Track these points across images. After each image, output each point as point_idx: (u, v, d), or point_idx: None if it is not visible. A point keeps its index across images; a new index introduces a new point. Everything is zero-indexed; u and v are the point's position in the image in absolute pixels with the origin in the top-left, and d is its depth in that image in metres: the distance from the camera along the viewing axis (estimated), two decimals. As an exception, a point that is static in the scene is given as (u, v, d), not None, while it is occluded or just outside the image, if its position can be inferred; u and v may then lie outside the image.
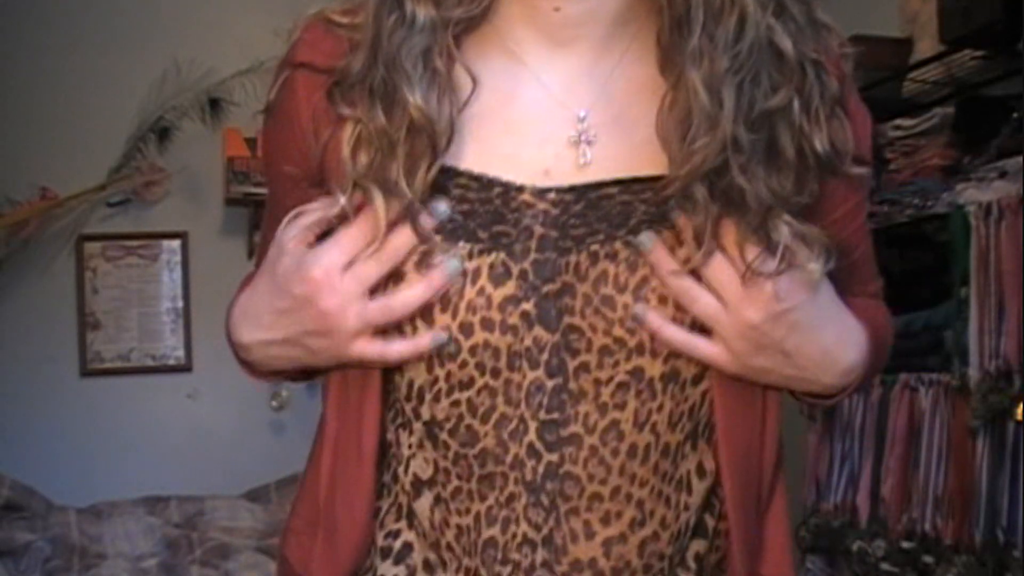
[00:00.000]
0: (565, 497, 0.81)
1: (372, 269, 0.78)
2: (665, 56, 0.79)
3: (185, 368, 3.89)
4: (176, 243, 3.89)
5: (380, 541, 0.86)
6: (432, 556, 0.85)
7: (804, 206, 0.78)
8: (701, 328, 0.78)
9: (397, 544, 0.86)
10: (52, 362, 3.75)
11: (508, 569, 0.81)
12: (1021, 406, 2.21)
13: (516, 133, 0.81)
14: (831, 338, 0.81)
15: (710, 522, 0.87)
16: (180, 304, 3.89)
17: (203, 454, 3.85)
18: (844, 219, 0.86)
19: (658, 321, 0.77)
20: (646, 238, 0.77)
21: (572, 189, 0.80)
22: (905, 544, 2.48)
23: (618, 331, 0.78)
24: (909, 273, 2.85)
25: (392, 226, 0.78)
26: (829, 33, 0.85)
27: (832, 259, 0.78)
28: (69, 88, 3.78)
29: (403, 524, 0.87)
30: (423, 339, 0.79)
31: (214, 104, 3.83)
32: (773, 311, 0.76)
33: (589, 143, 0.80)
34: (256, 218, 3.93)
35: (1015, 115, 2.35)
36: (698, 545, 0.87)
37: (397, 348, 0.79)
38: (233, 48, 3.91)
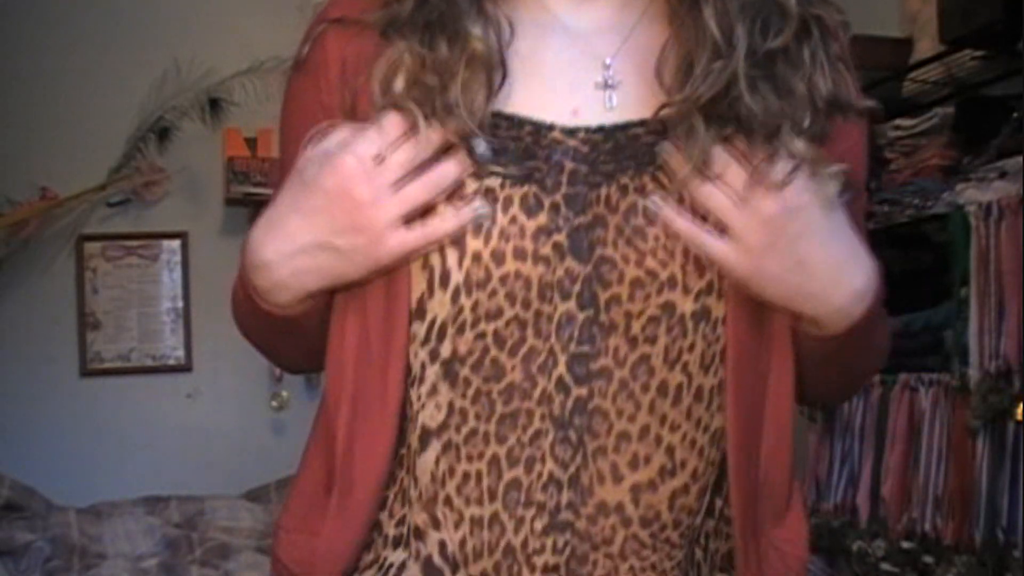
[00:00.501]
0: (593, 434, 0.80)
1: (405, 160, 0.78)
2: (675, 11, 0.82)
3: (185, 368, 3.89)
4: (176, 243, 3.89)
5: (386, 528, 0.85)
6: (424, 516, 0.83)
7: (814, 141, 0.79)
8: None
9: (396, 506, 0.85)
10: (52, 362, 3.75)
11: (532, 512, 0.80)
12: (1021, 406, 2.21)
13: (546, 77, 0.83)
14: (844, 253, 0.80)
15: (718, 503, 0.85)
16: (180, 304, 3.89)
17: (203, 454, 3.85)
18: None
19: (671, 213, 0.77)
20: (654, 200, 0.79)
21: (600, 129, 0.81)
22: (905, 544, 2.48)
23: (650, 262, 0.79)
24: (909, 273, 2.84)
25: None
26: (829, 6, 0.88)
27: (848, 189, 0.79)
28: (69, 88, 3.78)
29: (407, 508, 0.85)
30: (464, 211, 0.78)
31: (214, 104, 3.83)
32: (790, 204, 0.76)
33: (614, 88, 0.83)
34: (256, 218, 3.93)
35: (1015, 115, 2.35)
36: (708, 524, 0.85)
37: (438, 226, 0.78)
38: (233, 48, 3.91)
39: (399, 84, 0.79)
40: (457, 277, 0.79)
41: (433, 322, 0.81)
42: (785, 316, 0.82)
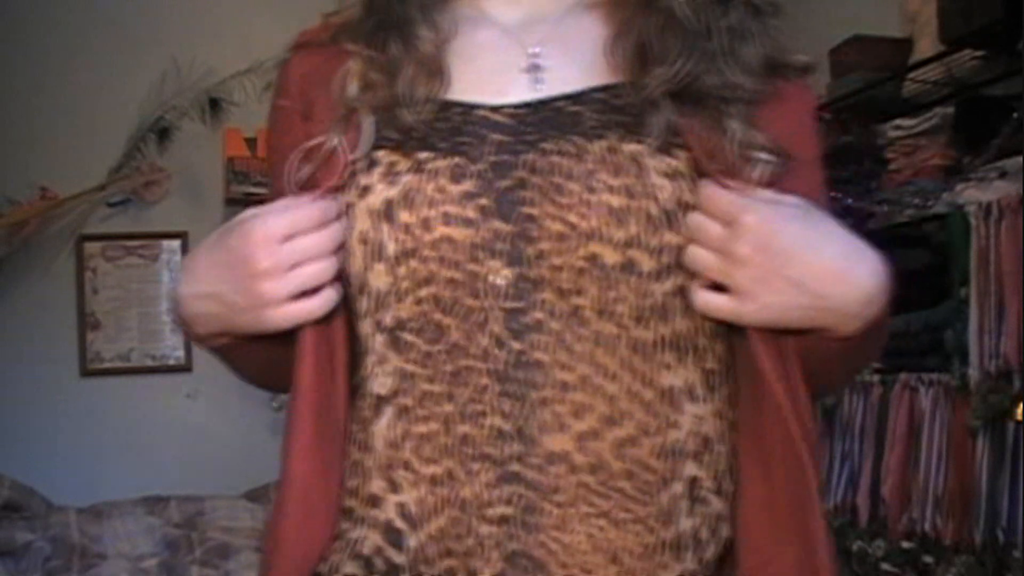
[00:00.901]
0: (534, 386, 0.83)
1: (310, 248, 0.85)
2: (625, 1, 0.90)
3: (185, 368, 3.89)
4: (176, 243, 3.89)
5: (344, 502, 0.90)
6: (382, 481, 0.87)
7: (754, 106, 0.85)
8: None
9: (353, 478, 0.89)
10: (52, 362, 3.75)
11: (485, 465, 0.83)
12: (1021, 406, 2.21)
13: (477, 66, 0.91)
14: (836, 256, 0.81)
15: (697, 475, 0.86)
16: (180, 304, 3.90)
17: (203, 454, 3.85)
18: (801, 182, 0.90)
19: (702, 296, 0.81)
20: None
21: (526, 105, 0.88)
22: (905, 544, 2.48)
23: (571, 216, 0.83)
24: (909, 273, 2.84)
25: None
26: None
27: (782, 162, 0.84)
28: (69, 88, 3.78)
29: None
30: (327, 295, 0.86)
31: (214, 104, 3.83)
32: (760, 238, 0.78)
33: (541, 70, 0.90)
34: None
35: (1015, 115, 2.35)
36: (691, 513, 0.86)
37: (318, 305, 0.86)
38: (233, 48, 3.91)
39: (352, 89, 0.89)
40: (391, 248, 0.85)
41: (373, 294, 0.86)
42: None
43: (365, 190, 0.86)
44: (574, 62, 0.90)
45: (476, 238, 0.84)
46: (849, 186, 2.80)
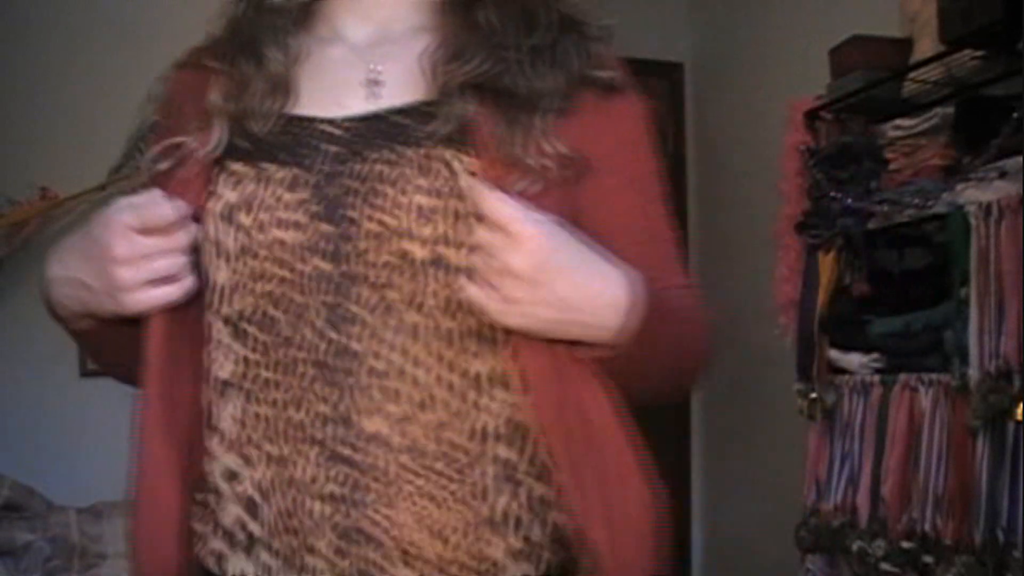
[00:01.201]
0: (350, 373, 0.92)
1: (163, 245, 0.94)
2: (446, 17, 1.01)
3: (185, 368, 3.89)
4: (176, 243, 3.89)
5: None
6: (235, 459, 0.96)
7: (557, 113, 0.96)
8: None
9: (206, 461, 0.99)
10: (52, 362, 3.74)
11: (314, 448, 0.92)
12: (1021, 406, 2.21)
13: (324, 83, 1.01)
14: (591, 278, 0.89)
15: (507, 457, 0.94)
16: (180, 304, 3.89)
17: (203, 454, 3.85)
18: (607, 196, 1.00)
19: (485, 196, 0.87)
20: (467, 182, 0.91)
21: (362, 118, 0.97)
22: (905, 544, 2.48)
23: (384, 217, 0.92)
24: (909, 273, 2.84)
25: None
26: (589, 22, 1.03)
27: (574, 171, 0.94)
28: (69, 88, 3.78)
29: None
30: (182, 284, 0.95)
31: (214, 104, 3.83)
32: (536, 258, 0.85)
33: (379, 84, 1.00)
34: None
35: (1015, 115, 2.35)
36: (509, 490, 0.94)
37: (173, 292, 0.94)
38: (233, 48, 3.91)
39: (210, 99, 0.99)
40: (230, 247, 0.95)
41: (217, 288, 0.96)
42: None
43: (212, 195, 0.96)
44: (411, 78, 0.99)
45: (304, 240, 0.93)
46: (849, 186, 2.79)
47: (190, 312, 0.97)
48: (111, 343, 1.04)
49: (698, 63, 4.64)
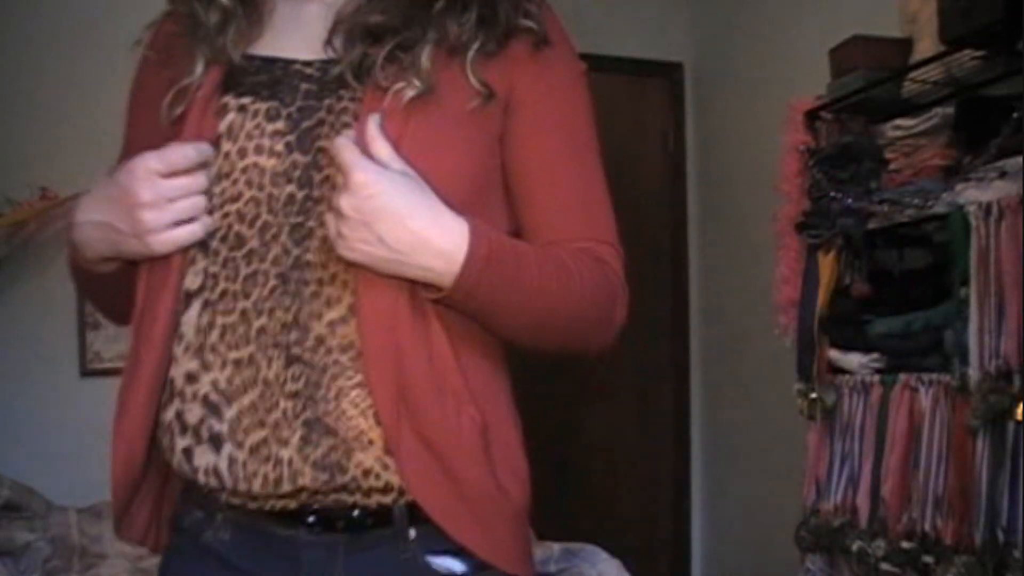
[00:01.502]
0: (305, 283, 1.04)
1: (185, 186, 1.03)
2: None
3: (185, 368, 3.89)
4: (176, 243, 3.89)
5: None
6: (194, 364, 1.06)
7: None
8: None
9: (171, 368, 1.08)
10: (52, 362, 3.74)
11: (278, 351, 1.03)
12: (1021, 406, 2.21)
13: (299, 30, 1.12)
14: (419, 225, 0.99)
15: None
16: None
17: (203, 454, 3.85)
18: (523, 135, 1.11)
19: (341, 151, 1.00)
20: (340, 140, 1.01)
21: (330, 61, 1.08)
22: (905, 544, 2.48)
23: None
24: (909, 273, 2.84)
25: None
26: None
27: (484, 96, 1.06)
28: (69, 88, 3.77)
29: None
30: (203, 222, 1.04)
31: (214, 104, 3.83)
32: (358, 202, 0.97)
33: (335, 37, 1.09)
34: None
35: (1015, 115, 2.35)
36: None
37: (197, 231, 1.04)
38: (233, 48, 3.91)
39: (198, 39, 1.11)
40: (212, 172, 1.05)
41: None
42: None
43: (207, 126, 1.07)
44: (358, 32, 1.09)
45: (280, 167, 1.05)
46: (849, 186, 2.79)
47: None
48: (127, 284, 1.11)
49: (698, 63, 4.64)
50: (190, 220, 1.03)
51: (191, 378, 1.06)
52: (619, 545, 3.20)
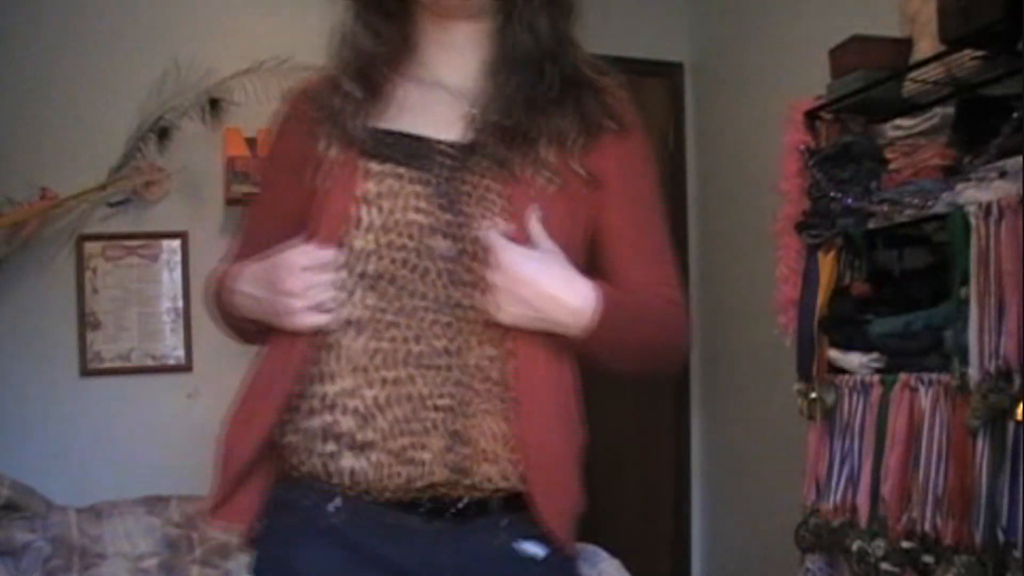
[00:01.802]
0: (467, 321, 1.29)
1: (325, 281, 1.29)
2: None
3: (185, 368, 3.89)
4: (176, 243, 3.89)
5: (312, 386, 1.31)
6: (356, 381, 1.28)
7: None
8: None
9: (327, 384, 1.30)
10: (52, 362, 3.74)
11: (432, 372, 1.28)
12: (1021, 406, 2.21)
13: (431, 113, 1.37)
14: (552, 287, 1.27)
15: None
16: (180, 304, 3.89)
17: (203, 454, 3.82)
18: (612, 206, 1.39)
19: (496, 242, 1.28)
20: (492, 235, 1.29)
21: (466, 145, 1.34)
22: (905, 544, 2.48)
23: (496, 219, 1.30)
24: (909, 273, 2.84)
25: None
26: (604, 74, 1.43)
27: (592, 181, 1.37)
28: (69, 88, 3.77)
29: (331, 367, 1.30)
30: (333, 316, 1.29)
31: (214, 104, 3.83)
32: (508, 276, 1.26)
33: (472, 119, 1.36)
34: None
35: (1015, 115, 2.35)
36: None
37: (328, 320, 1.29)
38: (233, 48, 3.91)
39: (349, 121, 1.36)
40: (375, 223, 1.30)
41: (354, 252, 1.30)
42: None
43: (358, 186, 1.31)
44: (495, 115, 1.35)
45: (432, 223, 1.30)
46: (849, 186, 2.79)
47: None
48: (266, 329, 1.36)
49: (698, 63, 4.64)
50: (324, 306, 1.29)
51: (349, 393, 1.28)
52: (619, 545, 3.20)
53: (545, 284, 1.27)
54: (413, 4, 1.39)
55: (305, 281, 1.27)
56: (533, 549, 1.32)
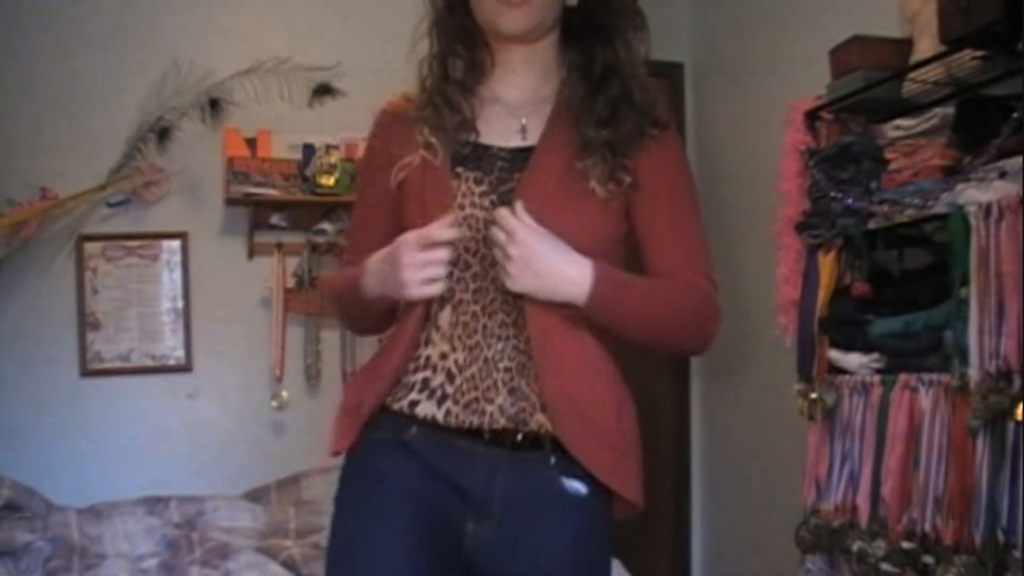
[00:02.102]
0: (521, 297, 1.53)
1: (437, 256, 1.52)
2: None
3: (185, 368, 3.89)
4: (176, 243, 3.89)
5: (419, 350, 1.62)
6: (446, 347, 1.58)
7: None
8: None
9: (428, 349, 1.60)
10: (52, 362, 3.75)
11: (500, 342, 1.56)
12: (1021, 406, 2.21)
13: (492, 124, 1.65)
14: (558, 263, 1.50)
15: None
16: (180, 304, 3.89)
17: (203, 454, 3.85)
18: (648, 197, 1.62)
19: (505, 217, 1.50)
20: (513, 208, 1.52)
21: (519, 149, 1.62)
22: (905, 544, 2.48)
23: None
24: (909, 273, 2.84)
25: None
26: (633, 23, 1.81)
27: (631, 183, 1.60)
28: (69, 88, 3.78)
29: (430, 337, 1.60)
30: (442, 284, 1.54)
31: (214, 104, 3.84)
32: (524, 249, 1.48)
33: (525, 132, 1.63)
34: (256, 218, 3.93)
35: (1015, 115, 2.35)
36: None
37: (437, 289, 1.53)
38: (233, 48, 3.91)
39: (430, 130, 1.63)
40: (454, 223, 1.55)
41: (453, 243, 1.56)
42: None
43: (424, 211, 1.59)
44: (542, 126, 1.62)
45: (488, 216, 1.55)
46: (849, 186, 2.79)
47: None
48: (386, 311, 1.65)
49: (698, 63, 4.64)
50: (435, 280, 1.51)
51: (443, 356, 1.58)
52: (619, 545, 3.20)
53: (551, 257, 1.48)
54: (479, 33, 1.64)
55: (416, 257, 1.49)
56: (576, 486, 1.54)
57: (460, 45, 1.65)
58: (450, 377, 1.56)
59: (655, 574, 4.49)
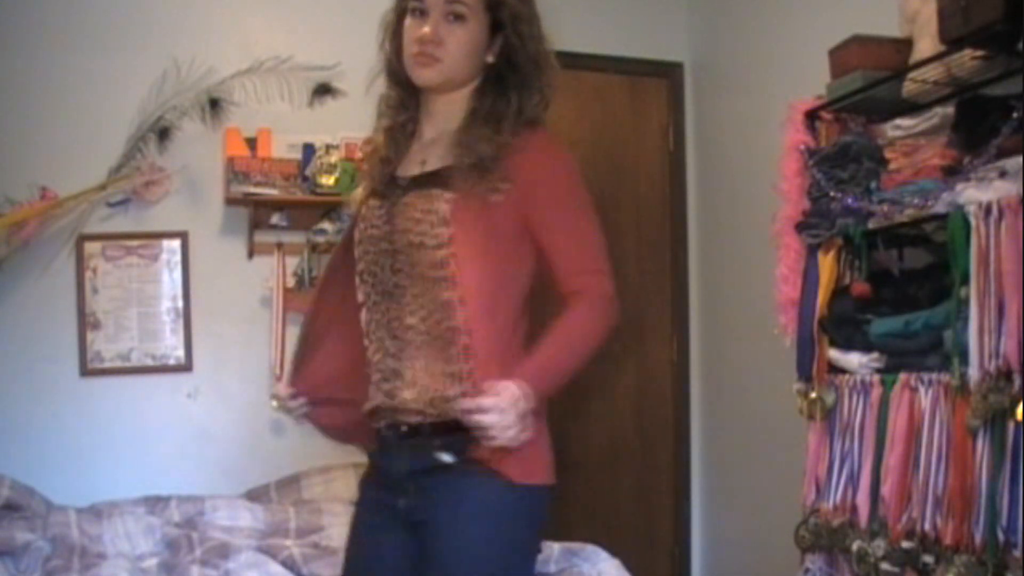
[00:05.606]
0: (398, 300, 1.86)
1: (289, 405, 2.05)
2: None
3: (185, 368, 3.89)
4: (176, 243, 3.89)
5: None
6: (366, 342, 1.91)
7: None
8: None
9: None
10: (52, 362, 3.74)
11: (387, 335, 1.87)
12: (1021, 406, 2.21)
13: (407, 160, 1.95)
14: (512, 406, 1.70)
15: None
16: (180, 304, 3.89)
17: (203, 454, 3.85)
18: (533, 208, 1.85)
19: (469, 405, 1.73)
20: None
21: (415, 177, 1.89)
22: (905, 544, 2.48)
23: (408, 223, 1.85)
24: (909, 273, 2.84)
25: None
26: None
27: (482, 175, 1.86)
28: (69, 88, 3.78)
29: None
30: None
31: (214, 104, 3.83)
32: (494, 417, 1.70)
33: (425, 162, 1.91)
34: (256, 217, 3.93)
35: (1015, 115, 2.35)
36: None
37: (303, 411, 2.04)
38: (233, 48, 3.91)
39: (369, 166, 2.03)
40: (357, 237, 1.94)
41: (356, 257, 1.94)
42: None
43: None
44: (436, 159, 1.89)
45: (381, 234, 1.88)
46: (849, 186, 2.79)
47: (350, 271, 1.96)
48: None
49: (698, 63, 4.64)
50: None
51: (365, 348, 1.91)
52: (619, 545, 3.20)
53: (510, 411, 1.68)
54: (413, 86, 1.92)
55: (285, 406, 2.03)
56: (445, 457, 1.81)
57: (401, 90, 1.95)
58: (370, 364, 1.92)
59: (655, 574, 4.49)
